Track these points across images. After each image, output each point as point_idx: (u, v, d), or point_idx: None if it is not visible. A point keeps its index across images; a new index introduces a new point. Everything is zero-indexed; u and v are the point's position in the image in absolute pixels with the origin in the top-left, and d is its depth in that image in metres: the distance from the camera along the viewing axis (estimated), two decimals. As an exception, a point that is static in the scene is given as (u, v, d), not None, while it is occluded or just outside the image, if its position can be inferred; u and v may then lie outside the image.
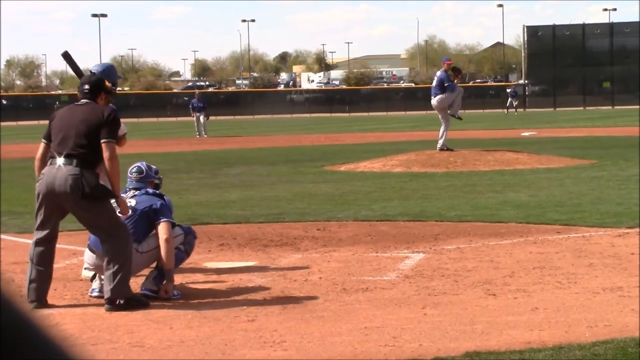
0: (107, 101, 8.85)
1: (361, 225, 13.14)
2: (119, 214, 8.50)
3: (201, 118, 46.57)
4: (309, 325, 7.57)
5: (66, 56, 9.97)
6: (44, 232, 8.45)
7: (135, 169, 9.50)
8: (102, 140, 8.35)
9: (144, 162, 9.69)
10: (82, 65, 10.25)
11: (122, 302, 8.29)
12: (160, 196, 9.13)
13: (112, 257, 8.32)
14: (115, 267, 8.31)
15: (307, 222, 13.59)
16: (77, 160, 8.29)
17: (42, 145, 8.65)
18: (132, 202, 8.91)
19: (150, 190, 9.22)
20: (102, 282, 8.64)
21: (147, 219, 8.86)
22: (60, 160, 8.33)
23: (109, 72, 9.88)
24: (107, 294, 8.32)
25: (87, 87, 8.74)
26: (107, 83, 8.90)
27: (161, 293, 8.69)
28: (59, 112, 8.80)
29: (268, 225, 13.34)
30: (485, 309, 7.97)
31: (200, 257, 10.86)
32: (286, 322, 7.71)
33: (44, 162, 8.57)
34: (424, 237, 11.91)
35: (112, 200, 8.51)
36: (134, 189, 9.33)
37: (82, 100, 8.68)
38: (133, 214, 8.79)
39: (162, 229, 8.79)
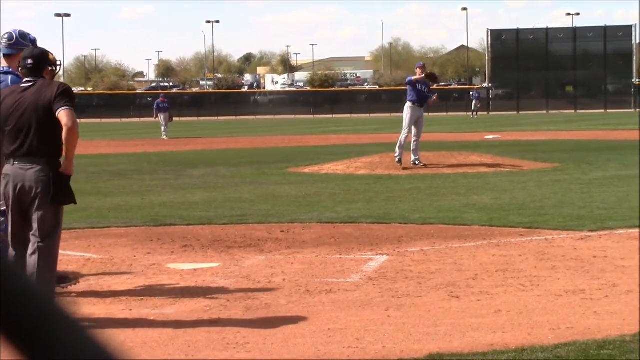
0: (52, 76, 8.00)
1: (325, 227, 13.13)
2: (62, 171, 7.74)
3: (162, 119, 46.16)
4: (273, 326, 7.55)
5: None
6: (16, 233, 7.80)
7: (7, 35, 8.69)
8: (59, 110, 7.53)
9: (17, 30, 8.75)
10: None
11: None
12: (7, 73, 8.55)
13: (45, 262, 7.75)
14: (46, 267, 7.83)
15: (270, 223, 13.56)
16: (45, 159, 7.62)
17: None
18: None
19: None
20: None
21: None
22: (26, 160, 7.62)
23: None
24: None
25: (30, 62, 7.77)
26: (50, 55, 8.01)
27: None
28: (4, 97, 7.77)
29: (232, 227, 13.30)
30: (448, 311, 7.99)
31: (163, 259, 10.82)
32: (249, 323, 7.68)
33: None
34: (388, 240, 11.92)
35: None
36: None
37: (27, 80, 7.75)
38: None
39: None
